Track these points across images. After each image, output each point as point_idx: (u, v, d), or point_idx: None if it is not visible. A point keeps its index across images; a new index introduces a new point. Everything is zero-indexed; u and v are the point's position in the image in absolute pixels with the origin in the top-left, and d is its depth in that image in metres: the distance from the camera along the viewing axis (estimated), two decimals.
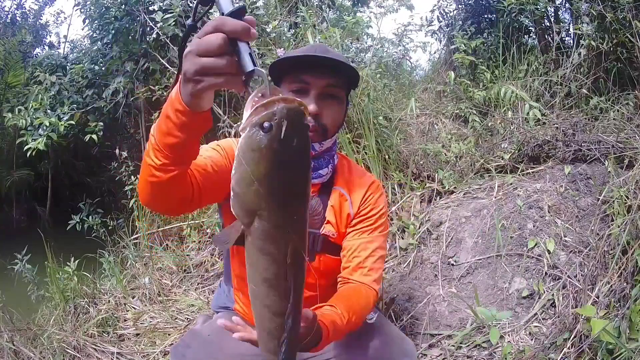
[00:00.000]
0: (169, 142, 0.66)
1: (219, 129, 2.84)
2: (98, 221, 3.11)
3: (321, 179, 1.03)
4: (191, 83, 0.57)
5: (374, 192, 1.07)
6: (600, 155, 2.06)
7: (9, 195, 5.55)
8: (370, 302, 0.98)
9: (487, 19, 4.30)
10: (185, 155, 0.70)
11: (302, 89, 0.95)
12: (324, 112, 0.96)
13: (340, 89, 0.99)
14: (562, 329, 1.39)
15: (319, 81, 0.95)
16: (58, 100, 3.72)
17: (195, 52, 0.54)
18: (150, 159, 0.70)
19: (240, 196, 0.55)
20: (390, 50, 4.27)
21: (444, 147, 2.79)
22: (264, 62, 2.68)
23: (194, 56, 0.54)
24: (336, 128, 1.02)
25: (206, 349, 0.99)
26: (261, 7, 3.12)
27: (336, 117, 1.00)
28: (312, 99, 0.95)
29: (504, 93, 2.95)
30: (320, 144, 0.99)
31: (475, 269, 1.83)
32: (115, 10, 3.32)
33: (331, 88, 0.96)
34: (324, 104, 0.96)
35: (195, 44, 0.54)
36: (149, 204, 0.78)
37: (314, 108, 0.94)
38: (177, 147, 0.66)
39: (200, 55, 0.54)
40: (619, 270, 1.40)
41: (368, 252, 1.01)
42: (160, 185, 0.71)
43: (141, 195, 0.77)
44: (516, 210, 1.95)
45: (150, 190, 0.74)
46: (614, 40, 2.99)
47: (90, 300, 2.23)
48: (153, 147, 0.69)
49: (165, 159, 0.68)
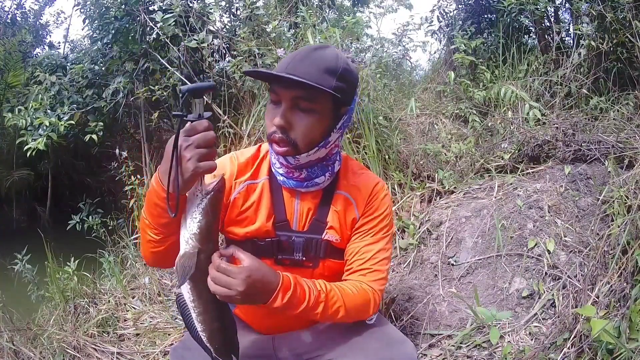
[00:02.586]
0: (162, 222, 0.84)
1: (219, 129, 2.84)
2: (98, 221, 3.11)
3: (318, 186, 1.01)
4: (194, 167, 0.75)
5: (378, 193, 1.05)
6: (600, 155, 2.06)
7: (9, 195, 5.56)
8: (369, 300, 0.97)
9: (487, 19, 4.30)
10: (177, 225, 0.83)
11: (276, 101, 0.92)
12: (294, 126, 0.91)
13: (314, 102, 0.90)
14: (562, 329, 1.39)
15: (287, 93, 0.89)
16: (58, 100, 3.72)
17: (195, 145, 0.75)
18: (148, 235, 0.86)
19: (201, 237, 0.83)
20: (390, 50, 4.28)
21: (444, 147, 2.79)
22: (264, 62, 2.68)
23: (193, 148, 0.75)
24: (309, 142, 0.93)
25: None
26: (261, 7, 3.12)
27: (308, 131, 0.92)
28: (280, 110, 0.90)
29: (504, 93, 2.95)
30: (295, 158, 0.94)
31: (475, 269, 1.83)
32: (115, 10, 3.33)
33: (301, 101, 0.90)
34: (293, 117, 0.91)
35: (196, 139, 0.75)
36: (155, 266, 1.01)
37: (278, 121, 0.89)
38: (171, 223, 0.83)
39: (198, 147, 0.75)
40: (619, 270, 1.40)
41: (371, 254, 1.00)
42: (162, 253, 0.89)
43: (147, 261, 0.96)
44: (516, 210, 1.95)
45: (154, 258, 0.92)
46: (614, 40, 2.99)
47: (90, 300, 2.23)
48: (148, 226, 0.86)
49: (162, 234, 0.85)
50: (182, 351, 0.99)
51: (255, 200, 1.01)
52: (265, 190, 1.02)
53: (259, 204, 1.01)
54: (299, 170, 0.98)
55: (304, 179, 0.99)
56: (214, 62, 3.26)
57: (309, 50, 0.93)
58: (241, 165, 1.03)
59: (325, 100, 0.92)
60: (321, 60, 0.91)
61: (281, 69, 0.90)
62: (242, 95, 2.91)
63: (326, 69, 0.90)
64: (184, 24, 3.03)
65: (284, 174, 1.00)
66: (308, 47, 0.96)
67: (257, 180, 1.03)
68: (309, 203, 1.02)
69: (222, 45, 3.09)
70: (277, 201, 1.01)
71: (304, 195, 1.02)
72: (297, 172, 0.98)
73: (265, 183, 1.02)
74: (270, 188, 1.02)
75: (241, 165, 1.03)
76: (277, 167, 1.01)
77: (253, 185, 1.03)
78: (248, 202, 1.01)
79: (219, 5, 3.46)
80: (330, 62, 0.91)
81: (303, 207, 1.02)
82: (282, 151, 0.93)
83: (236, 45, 2.89)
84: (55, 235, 2.98)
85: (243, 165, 1.04)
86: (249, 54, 2.75)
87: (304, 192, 1.01)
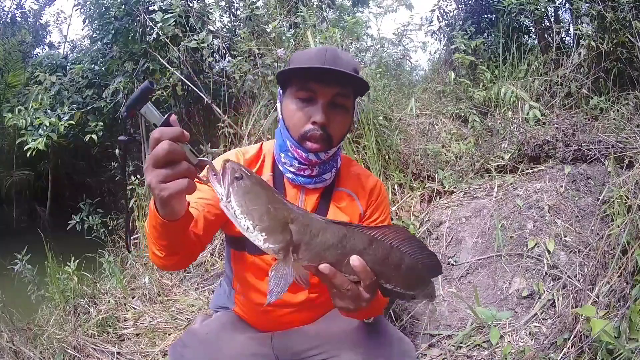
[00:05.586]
0: (162, 243, 0.79)
1: (219, 128, 2.84)
2: (98, 221, 3.11)
3: (325, 182, 1.03)
4: (158, 193, 0.62)
5: (379, 191, 1.08)
6: (600, 155, 2.06)
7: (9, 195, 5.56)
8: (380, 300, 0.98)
9: (487, 19, 4.30)
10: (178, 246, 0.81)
11: (310, 98, 0.94)
12: (331, 122, 0.94)
13: (347, 98, 0.97)
14: (562, 329, 1.39)
15: (327, 91, 0.93)
16: (58, 100, 3.73)
17: (152, 165, 0.60)
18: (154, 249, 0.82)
19: (270, 225, 0.65)
20: (390, 50, 4.28)
21: (444, 147, 2.80)
22: (264, 62, 2.68)
23: (151, 169, 0.61)
24: (341, 137, 1.00)
25: (205, 349, 0.99)
26: (261, 7, 3.12)
27: (342, 126, 0.98)
28: (320, 108, 0.93)
29: (504, 93, 2.95)
30: (326, 152, 0.98)
31: (475, 269, 1.83)
32: (115, 10, 3.33)
33: (339, 97, 0.94)
34: (331, 113, 0.94)
35: (148, 159, 0.61)
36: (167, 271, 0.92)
37: (322, 118, 0.92)
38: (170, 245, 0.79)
39: (156, 167, 0.60)
40: (619, 270, 1.40)
41: None
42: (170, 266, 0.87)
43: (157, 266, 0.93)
44: (516, 210, 1.95)
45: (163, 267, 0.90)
46: (614, 40, 2.99)
47: (90, 300, 2.23)
48: (152, 242, 0.81)
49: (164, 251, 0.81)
50: (181, 349, 1.00)
51: None
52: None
53: None
54: (311, 168, 1.00)
55: (315, 175, 1.01)
56: (214, 62, 3.26)
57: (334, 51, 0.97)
58: (246, 162, 1.04)
59: (351, 98, 0.99)
60: (350, 61, 0.98)
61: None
62: (242, 95, 2.91)
63: (354, 69, 0.96)
64: (184, 24, 3.03)
65: (294, 171, 1.00)
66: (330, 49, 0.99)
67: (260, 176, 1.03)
68: (312, 199, 1.03)
69: (222, 45, 3.09)
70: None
71: (309, 191, 1.03)
72: (310, 170, 1.00)
73: (269, 179, 1.03)
74: (274, 184, 1.03)
75: (246, 162, 1.04)
76: (287, 166, 1.01)
77: None
78: None
79: (219, 5, 3.46)
80: (355, 63, 0.99)
81: (306, 204, 1.03)
82: (318, 147, 0.95)
83: (236, 45, 2.88)
84: (55, 235, 2.97)
85: (248, 162, 1.05)
86: (249, 54, 2.74)
87: (311, 188, 1.02)
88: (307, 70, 0.92)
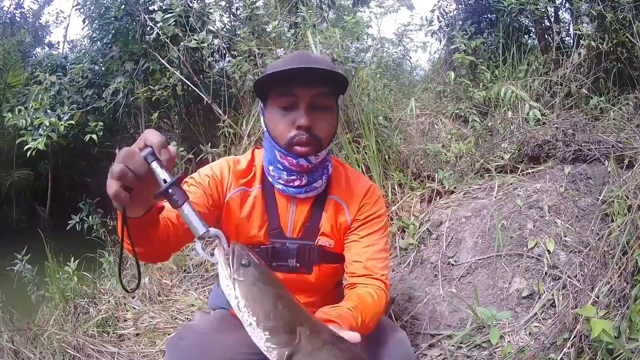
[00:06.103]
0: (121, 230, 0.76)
1: (219, 128, 2.84)
2: (98, 221, 3.11)
3: (315, 191, 1.02)
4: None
5: (370, 197, 1.06)
6: (600, 155, 2.06)
7: (9, 195, 5.56)
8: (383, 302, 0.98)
9: (487, 19, 4.30)
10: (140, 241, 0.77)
11: (291, 103, 0.93)
12: (316, 124, 0.93)
13: (329, 98, 0.96)
14: (562, 329, 1.39)
15: (308, 92, 0.92)
16: (58, 100, 3.73)
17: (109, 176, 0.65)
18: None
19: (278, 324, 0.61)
20: (390, 50, 4.28)
21: (444, 147, 2.80)
22: (264, 62, 2.68)
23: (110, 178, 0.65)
24: (329, 138, 0.98)
25: (200, 340, 0.99)
26: (261, 7, 3.12)
27: (328, 127, 0.97)
28: (302, 112, 0.91)
29: (504, 93, 2.95)
30: (316, 156, 0.96)
31: (475, 269, 1.83)
32: (115, 10, 3.33)
33: (320, 98, 0.93)
34: (314, 115, 0.93)
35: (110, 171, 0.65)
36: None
37: (305, 121, 0.91)
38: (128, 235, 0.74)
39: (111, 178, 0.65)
40: (619, 270, 1.40)
41: (369, 255, 1.01)
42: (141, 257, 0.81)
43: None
44: (516, 210, 1.95)
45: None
46: (614, 40, 2.98)
47: (90, 300, 2.23)
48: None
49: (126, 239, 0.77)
50: (177, 340, 1.00)
51: (247, 211, 1.02)
52: (258, 201, 1.03)
53: (251, 215, 1.02)
54: (300, 178, 0.99)
55: (305, 185, 1.00)
56: (214, 62, 3.26)
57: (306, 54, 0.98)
58: (238, 172, 1.04)
59: (333, 97, 0.98)
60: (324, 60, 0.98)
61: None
62: (242, 95, 2.91)
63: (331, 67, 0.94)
64: (184, 24, 3.03)
65: (284, 182, 1.00)
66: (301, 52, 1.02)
67: (251, 189, 1.04)
68: (304, 209, 1.03)
69: (222, 45, 3.09)
70: (271, 209, 1.03)
71: (300, 201, 1.03)
72: (299, 180, 0.99)
73: (258, 192, 1.03)
74: (263, 197, 1.03)
75: (238, 172, 1.04)
76: (276, 178, 1.01)
77: (247, 192, 1.03)
78: (242, 213, 1.02)
79: (219, 5, 3.46)
80: (329, 62, 1.00)
81: (298, 214, 1.03)
82: (307, 150, 0.94)
83: (236, 45, 2.88)
84: (55, 235, 2.98)
85: (240, 172, 1.04)
86: (249, 54, 2.74)
87: (301, 197, 1.02)
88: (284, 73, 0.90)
